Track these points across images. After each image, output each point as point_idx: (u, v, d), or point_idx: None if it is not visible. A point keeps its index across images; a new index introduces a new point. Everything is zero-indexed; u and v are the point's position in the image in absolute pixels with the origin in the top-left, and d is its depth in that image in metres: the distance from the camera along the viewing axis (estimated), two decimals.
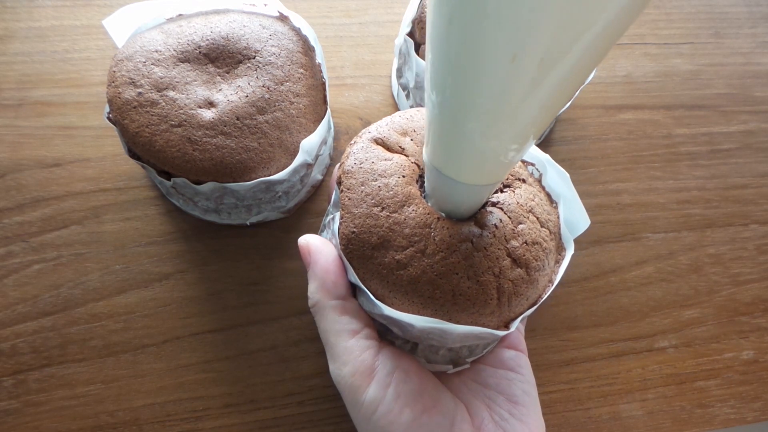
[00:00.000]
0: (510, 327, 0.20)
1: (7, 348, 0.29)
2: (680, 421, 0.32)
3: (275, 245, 0.32)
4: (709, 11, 0.42)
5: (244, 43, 0.26)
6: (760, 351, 0.34)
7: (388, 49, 0.37)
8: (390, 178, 0.20)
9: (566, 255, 0.22)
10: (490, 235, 0.19)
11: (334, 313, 0.20)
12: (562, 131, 0.37)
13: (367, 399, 0.19)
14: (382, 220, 0.19)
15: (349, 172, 0.21)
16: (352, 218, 0.20)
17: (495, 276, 0.19)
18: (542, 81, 0.12)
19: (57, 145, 0.32)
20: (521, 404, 0.23)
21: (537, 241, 0.20)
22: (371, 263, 0.19)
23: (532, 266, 0.20)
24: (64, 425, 0.28)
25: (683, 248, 0.35)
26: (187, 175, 0.25)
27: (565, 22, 0.10)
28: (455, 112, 0.14)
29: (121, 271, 0.30)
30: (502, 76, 0.12)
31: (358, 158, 0.21)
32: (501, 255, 0.19)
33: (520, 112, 0.13)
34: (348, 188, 0.20)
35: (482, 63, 0.11)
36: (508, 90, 0.12)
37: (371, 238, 0.19)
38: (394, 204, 0.19)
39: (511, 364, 0.24)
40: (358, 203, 0.20)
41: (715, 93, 0.40)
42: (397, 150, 0.21)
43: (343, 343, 0.20)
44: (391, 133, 0.22)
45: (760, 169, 0.38)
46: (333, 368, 0.20)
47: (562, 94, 0.13)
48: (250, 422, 0.29)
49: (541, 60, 0.11)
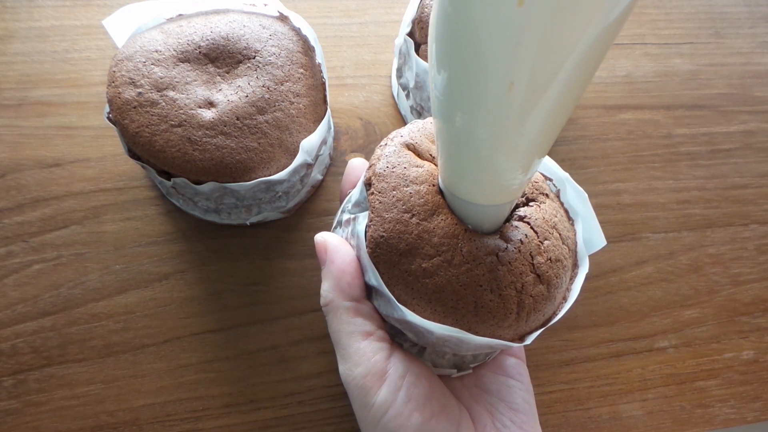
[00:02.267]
0: (525, 340, 0.20)
1: (7, 348, 0.29)
2: (680, 421, 0.32)
3: (275, 245, 0.32)
4: (709, 11, 0.42)
5: (244, 43, 0.26)
6: (760, 351, 0.34)
7: (388, 49, 0.37)
8: (421, 185, 0.20)
9: (580, 273, 0.22)
10: (515, 250, 0.19)
11: (348, 314, 0.20)
12: (562, 131, 0.37)
13: (378, 401, 0.19)
14: (412, 227, 0.19)
15: (380, 175, 0.20)
16: (382, 222, 0.20)
17: (517, 291, 0.19)
18: (538, 104, 0.12)
19: (57, 145, 0.32)
20: (522, 412, 0.23)
21: (559, 259, 0.21)
22: (398, 269, 0.19)
23: (553, 283, 0.20)
24: (64, 425, 0.28)
25: (683, 248, 0.35)
26: (187, 175, 0.25)
27: (549, 51, 0.11)
28: (462, 141, 0.15)
29: (121, 271, 0.30)
30: (502, 105, 0.12)
31: (391, 162, 0.21)
32: (525, 270, 0.19)
33: (523, 136, 0.13)
34: (379, 191, 0.20)
35: (482, 94, 0.12)
36: (509, 116, 0.13)
37: (400, 244, 0.19)
38: (424, 212, 0.19)
39: (512, 371, 0.24)
40: (389, 208, 0.20)
41: (715, 93, 0.40)
42: (427, 158, 0.21)
43: (356, 344, 0.20)
44: (422, 139, 0.21)
45: (760, 169, 0.38)
46: (344, 369, 0.20)
47: (558, 116, 0.13)
48: (250, 422, 0.29)
49: (535, 86, 0.12)
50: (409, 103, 0.33)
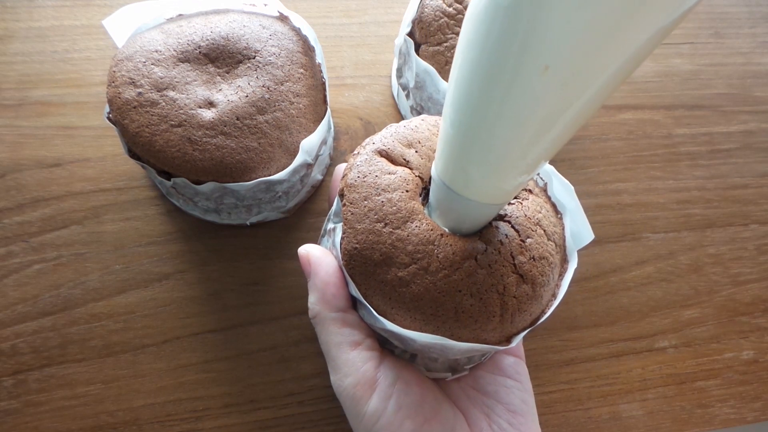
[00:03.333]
0: (512, 342, 0.20)
1: (7, 348, 0.29)
2: (680, 421, 0.32)
3: (275, 245, 0.32)
4: (709, 11, 0.42)
5: (244, 43, 0.26)
6: (760, 351, 0.34)
7: (388, 49, 0.37)
8: (393, 193, 0.20)
9: (569, 268, 0.22)
10: (495, 252, 0.19)
11: (335, 326, 0.20)
12: None
13: (368, 411, 0.19)
14: (385, 237, 0.19)
15: (352, 186, 0.20)
16: (355, 234, 0.19)
17: (499, 294, 0.19)
18: (572, 96, 0.12)
19: (57, 145, 0.32)
20: (520, 414, 0.22)
21: (544, 256, 0.20)
22: (373, 279, 0.19)
23: (538, 282, 0.20)
24: (64, 425, 0.28)
25: (683, 248, 0.35)
26: (187, 175, 0.25)
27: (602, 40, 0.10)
28: (478, 128, 0.14)
29: (121, 271, 0.30)
30: (533, 87, 0.11)
31: (362, 171, 0.20)
32: (506, 272, 0.19)
33: (546, 128, 0.13)
34: (351, 202, 0.20)
35: (515, 72, 0.11)
36: (536, 103, 0.12)
37: (374, 255, 0.19)
38: (397, 220, 0.19)
39: (510, 371, 0.24)
40: (361, 218, 0.19)
41: (715, 93, 0.40)
42: (401, 163, 0.21)
43: (345, 355, 0.20)
44: (395, 144, 0.21)
45: (760, 169, 0.38)
46: (334, 379, 0.20)
47: (587, 110, 0.13)
48: (250, 422, 0.29)
49: (572, 74, 0.11)
50: (409, 103, 0.33)
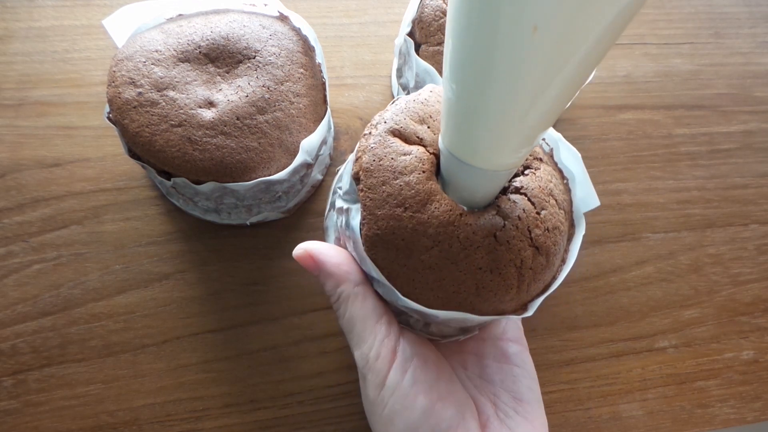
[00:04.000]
0: (528, 310, 0.21)
1: (7, 348, 0.29)
2: (680, 421, 0.32)
3: (275, 245, 0.32)
4: (709, 11, 0.42)
5: (244, 43, 0.26)
6: (760, 351, 0.34)
7: (388, 49, 0.37)
8: (411, 175, 0.19)
9: (577, 233, 0.22)
10: (513, 228, 0.19)
11: (358, 300, 0.21)
12: (562, 131, 0.37)
13: (387, 383, 0.20)
14: (406, 221, 0.19)
15: (368, 170, 0.20)
16: (375, 220, 0.19)
17: (516, 267, 0.19)
18: (562, 56, 0.11)
19: (57, 145, 0.32)
20: (525, 402, 0.23)
21: (556, 226, 0.20)
22: (396, 264, 0.19)
23: (551, 252, 0.20)
24: (64, 425, 0.28)
25: (683, 248, 0.35)
26: (187, 175, 0.25)
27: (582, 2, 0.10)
28: (475, 93, 0.14)
29: (121, 271, 0.30)
30: (523, 48, 0.11)
31: (377, 154, 0.20)
32: (523, 246, 0.19)
33: (540, 89, 0.13)
34: (368, 188, 0.20)
35: (504, 34, 0.11)
36: (528, 64, 0.12)
37: (396, 240, 0.19)
38: (416, 203, 0.19)
39: (515, 359, 0.24)
40: (381, 204, 0.19)
41: (715, 93, 0.40)
42: (414, 141, 0.20)
43: (370, 328, 0.20)
44: (408, 122, 0.21)
45: (760, 169, 0.38)
46: (359, 354, 0.21)
47: (582, 72, 0.12)
48: (250, 422, 0.29)
49: (562, 34, 0.11)
50: None
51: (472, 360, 0.25)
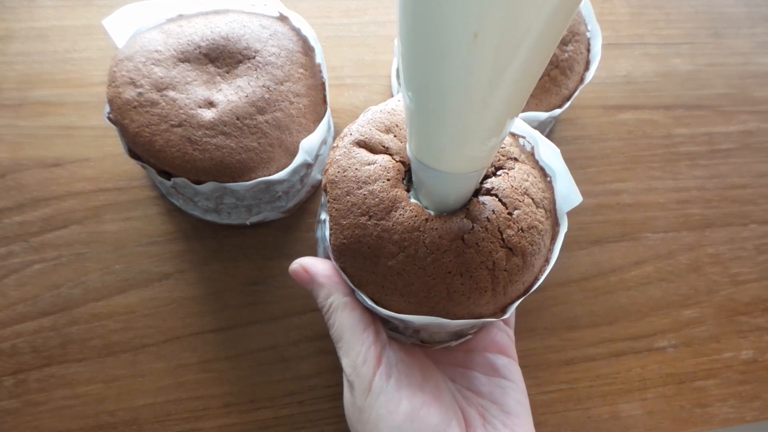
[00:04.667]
0: (506, 312, 0.21)
1: (7, 348, 0.29)
2: (679, 420, 0.32)
3: (275, 245, 0.32)
4: (709, 11, 0.42)
5: (244, 43, 0.26)
6: (759, 351, 0.34)
7: (388, 49, 0.37)
8: (374, 184, 0.20)
9: (560, 231, 0.22)
10: (481, 230, 0.19)
11: (347, 310, 0.21)
12: (562, 131, 0.37)
13: (372, 387, 0.20)
14: (371, 229, 0.19)
15: (333, 182, 0.20)
16: (341, 230, 0.20)
17: (489, 270, 0.19)
18: (505, 60, 0.12)
19: (57, 145, 0.32)
20: (514, 414, 0.23)
21: (533, 225, 0.20)
22: (364, 271, 0.20)
23: (528, 252, 0.20)
24: (64, 425, 0.28)
25: (683, 248, 0.35)
26: (187, 175, 0.25)
27: (518, 5, 0.10)
28: (430, 99, 0.14)
29: (121, 271, 0.30)
30: (467, 54, 0.12)
31: (341, 165, 0.20)
32: (494, 248, 0.19)
33: (489, 93, 0.13)
34: (334, 198, 0.20)
35: (447, 42, 0.12)
36: (474, 69, 0.12)
37: (362, 248, 0.19)
38: (380, 211, 0.19)
39: (504, 372, 0.24)
40: (345, 214, 0.20)
41: (714, 93, 0.40)
42: (380, 150, 0.21)
43: (357, 336, 0.21)
44: (373, 132, 0.21)
45: (759, 169, 0.38)
46: (347, 362, 0.21)
47: (529, 72, 0.13)
48: (250, 422, 0.29)
49: (502, 37, 0.11)
50: None
51: (460, 372, 0.25)
